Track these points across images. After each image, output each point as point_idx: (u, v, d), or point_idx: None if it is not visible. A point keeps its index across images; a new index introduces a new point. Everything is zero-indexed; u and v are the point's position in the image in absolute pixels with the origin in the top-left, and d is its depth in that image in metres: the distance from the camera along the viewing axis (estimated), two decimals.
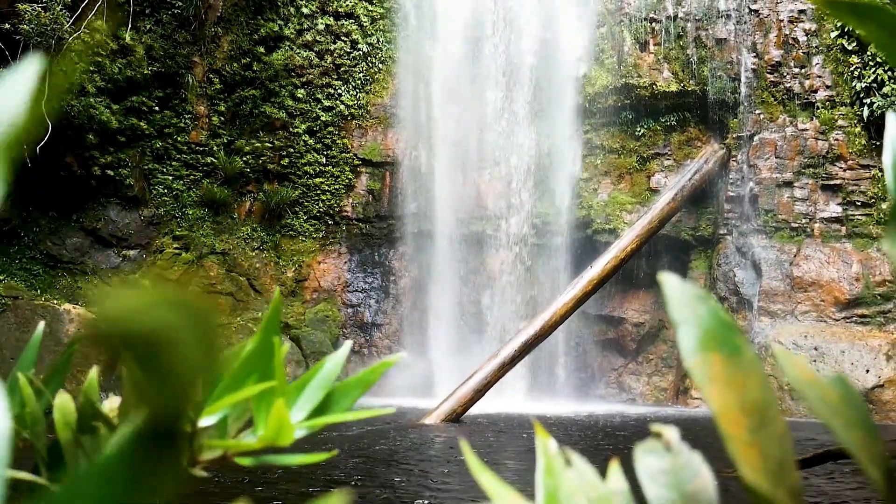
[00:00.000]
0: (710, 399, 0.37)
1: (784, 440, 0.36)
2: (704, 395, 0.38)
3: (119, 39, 13.77)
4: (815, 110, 13.50)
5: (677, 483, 0.39)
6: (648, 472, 0.39)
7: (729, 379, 0.37)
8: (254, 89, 15.14)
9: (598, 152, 14.72)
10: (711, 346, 0.39)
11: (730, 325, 0.39)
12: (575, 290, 12.07)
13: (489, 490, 0.41)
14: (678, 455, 0.40)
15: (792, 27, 13.68)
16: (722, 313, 0.39)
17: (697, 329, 0.38)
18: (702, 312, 0.39)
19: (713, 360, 0.38)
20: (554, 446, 0.44)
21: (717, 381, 0.37)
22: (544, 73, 14.63)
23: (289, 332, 14.12)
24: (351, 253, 15.70)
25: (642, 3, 14.38)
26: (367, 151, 15.50)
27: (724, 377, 0.37)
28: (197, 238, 14.80)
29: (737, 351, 0.38)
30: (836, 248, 13.09)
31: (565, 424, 10.21)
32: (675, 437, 0.40)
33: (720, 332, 0.39)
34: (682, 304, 0.39)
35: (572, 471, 0.42)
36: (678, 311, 0.39)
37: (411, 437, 8.56)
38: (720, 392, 0.37)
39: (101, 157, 13.98)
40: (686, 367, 0.38)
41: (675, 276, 0.42)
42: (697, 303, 0.39)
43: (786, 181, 13.47)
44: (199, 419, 0.60)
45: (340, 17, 15.58)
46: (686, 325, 0.39)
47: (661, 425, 0.42)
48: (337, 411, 0.64)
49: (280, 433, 0.56)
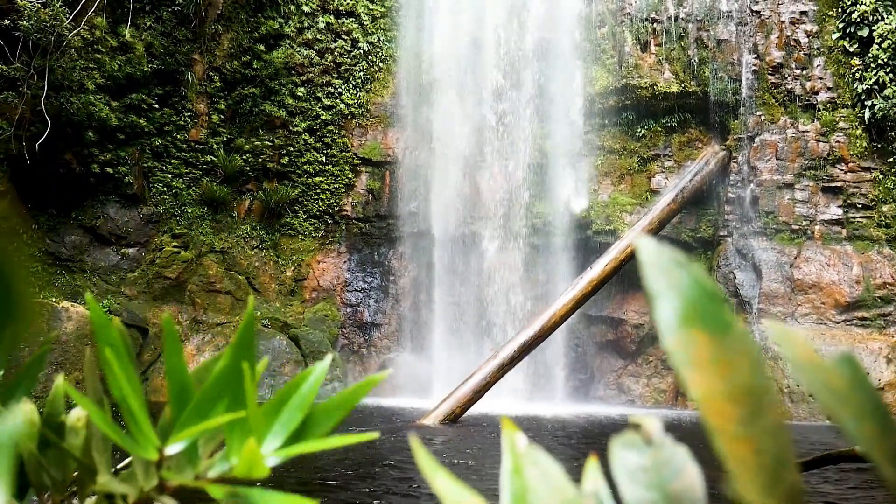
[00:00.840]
0: (693, 385, 0.32)
1: (781, 433, 0.31)
2: (685, 381, 0.32)
3: (119, 36, 13.72)
4: (816, 112, 13.44)
5: (659, 482, 0.33)
6: (626, 470, 0.34)
7: (715, 360, 0.32)
8: (254, 87, 15.09)
9: (599, 153, 14.67)
10: (694, 321, 0.33)
11: (716, 297, 0.34)
12: (574, 290, 12.02)
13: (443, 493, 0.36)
14: (660, 450, 0.35)
15: (793, 28, 13.62)
16: (707, 282, 0.34)
17: (678, 301, 0.33)
18: (683, 281, 0.34)
19: (696, 337, 0.33)
20: (523, 443, 0.39)
21: (701, 363, 0.32)
22: (545, 73, 14.57)
23: (288, 332, 14.06)
24: (350, 252, 15.65)
25: (643, 3, 14.33)
26: (367, 150, 15.46)
27: (709, 358, 0.32)
28: (196, 236, 14.75)
29: (724, 327, 0.33)
30: (836, 250, 13.03)
31: (564, 425, 10.16)
32: (656, 430, 0.36)
33: (705, 304, 0.34)
34: (659, 271, 0.34)
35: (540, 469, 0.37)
36: (655, 279, 0.34)
37: (408, 438, 8.51)
38: (704, 376, 0.31)
39: (101, 155, 13.92)
40: (664, 347, 0.33)
41: (649, 238, 0.37)
42: (678, 270, 0.34)
43: (786, 183, 13.42)
44: (166, 445, 0.55)
45: (341, 15, 15.53)
46: (664, 297, 0.34)
47: (642, 416, 0.37)
48: (316, 435, 0.59)
49: (252, 468, 0.51)
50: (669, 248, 0.36)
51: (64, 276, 13.89)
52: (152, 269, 14.32)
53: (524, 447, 0.39)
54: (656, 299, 0.34)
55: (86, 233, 14.30)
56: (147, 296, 14.17)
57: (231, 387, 0.55)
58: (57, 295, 12.84)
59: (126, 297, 13.97)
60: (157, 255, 14.40)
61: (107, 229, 14.35)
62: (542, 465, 0.37)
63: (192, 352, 13.37)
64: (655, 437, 0.35)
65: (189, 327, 13.97)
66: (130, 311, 13.39)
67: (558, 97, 14.51)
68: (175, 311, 14.12)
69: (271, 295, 15.04)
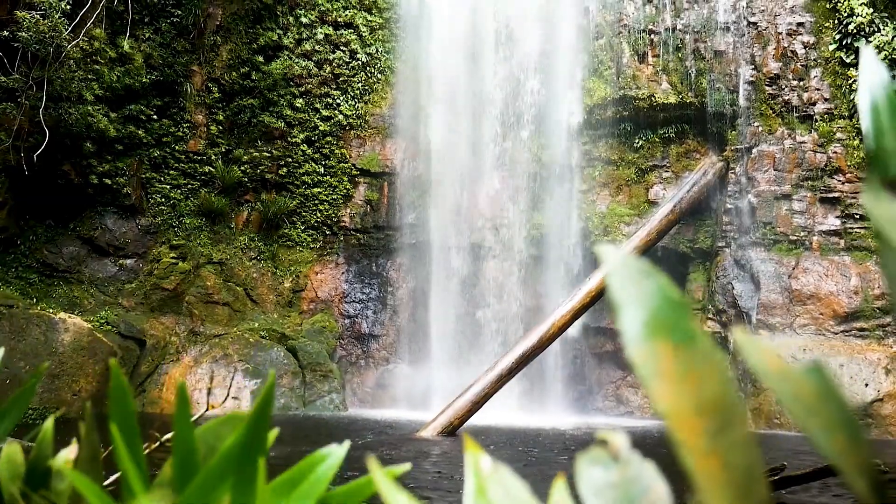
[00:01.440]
0: (659, 398, 0.31)
1: (750, 447, 0.30)
2: (651, 394, 0.31)
3: (118, 48, 13.76)
4: (813, 123, 13.47)
5: (626, 499, 0.32)
6: (592, 487, 0.33)
7: (681, 372, 0.31)
8: (252, 98, 15.12)
9: (597, 164, 14.68)
10: (660, 331, 0.32)
11: (682, 307, 0.33)
12: (573, 301, 12.00)
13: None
14: (627, 466, 0.33)
15: (790, 40, 13.67)
16: (672, 292, 0.33)
17: (642, 311, 0.32)
18: (648, 291, 0.33)
19: (662, 349, 0.32)
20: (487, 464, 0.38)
21: (667, 375, 0.31)
22: (543, 84, 14.61)
23: (285, 343, 14.03)
24: (348, 263, 15.63)
25: (641, 14, 14.38)
26: (365, 161, 15.47)
27: (676, 370, 0.31)
28: (194, 247, 14.74)
29: (690, 338, 0.32)
30: (834, 261, 13.03)
31: (562, 437, 10.12)
32: (623, 445, 0.34)
33: (670, 314, 0.32)
34: (624, 280, 0.33)
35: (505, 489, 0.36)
36: (619, 288, 0.32)
37: (406, 450, 8.47)
38: (671, 389, 0.30)
39: (99, 166, 13.93)
40: (629, 358, 0.32)
41: (615, 247, 0.36)
42: (643, 279, 0.33)
43: (784, 194, 13.43)
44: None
45: (340, 26, 15.58)
46: (629, 307, 0.32)
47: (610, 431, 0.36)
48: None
49: None
50: (634, 257, 0.35)
51: (61, 288, 13.87)
52: (150, 280, 14.30)
53: (489, 468, 0.37)
54: (621, 309, 0.33)
55: (84, 244, 14.29)
56: (144, 307, 14.14)
57: (241, 465, 0.51)
58: (54, 306, 12.82)
59: (123, 309, 13.94)
60: (155, 267, 14.38)
61: (105, 240, 14.34)
62: (507, 485, 0.36)
63: (190, 363, 13.33)
64: (623, 453, 0.34)
65: (186, 339, 13.93)
66: (128, 323, 13.36)
67: (556, 108, 14.53)
68: (172, 323, 14.09)
69: (269, 306, 15.01)
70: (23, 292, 13.10)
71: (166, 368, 13.32)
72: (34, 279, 13.74)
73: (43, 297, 13.31)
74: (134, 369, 13.06)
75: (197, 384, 12.80)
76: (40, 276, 13.85)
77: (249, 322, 14.52)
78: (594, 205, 14.55)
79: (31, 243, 13.91)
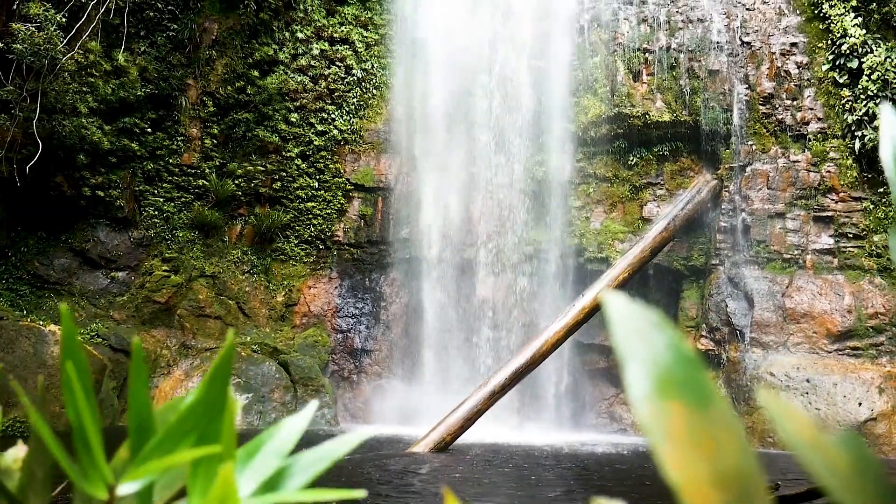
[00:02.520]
0: (670, 465, 0.28)
1: None
2: (661, 459, 0.28)
3: (113, 60, 13.74)
4: (807, 142, 13.53)
5: None
6: None
7: (695, 438, 0.28)
8: (247, 112, 15.12)
9: (591, 181, 14.71)
10: (670, 390, 0.29)
11: (695, 364, 0.31)
12: (566, 318, 11.97)
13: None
14: None
15: (784, 60, 13.76)
16: (684, 347, 0.30)
17: (651, 367, 0.30)
18: (657, 344, 0.30)
19: (673, 410, 0.29)
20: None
21: (679, 439, 0.28)
22: (537, 101, 14.65)
23: (277, 357, 13.95)
24: (342, 278, 15.58)
25: (636, 33, 14.46)
26: (359, 176, 15.46)
27: (689, 435, 0.28)
28: (186, 261, 14.67)
29: (705, 399, 0.29)
30: (828, 279, 13.05)
31: (556, 455, 10.06)
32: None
33: (682, 372, 0.30)
34: (630, 331, 0.30)
35: None
36: (625, 341, 0.30)
37: (397, 466, 8.39)
38: (683, 456, 0.28)
39: (92, 178, 13.88)
40: (636, 419, 0.28)
41: (621, 295, 0.32)
42: (651, 331, 0.30)
43: (778, 212, 13.47)
44: (118, 484, 0.49)
45: (335, 42, 15.62)
46: (636, 362, 0.30)
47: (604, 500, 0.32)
48: (294, 486, 0.52)
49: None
50: (640, 306, 0.32)
51: (52, 300, 13.78)
52: (142, 293, 14.22)
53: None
54: (627, 364, 0.31)
55: (75, 256, 14.21)
56: (136, 320, 14.05)
57: (202, 423, 0.49)
58: (45, 318, 12.71)
59: (115, 322, 13.85)
60: (147, 279, 14.31)
61: (96, 253, 14.27)
62: None
63: (181, 377, 13.23)
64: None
65: (178, 352, 13.84)
66: (119, 336, 13.26)
67: (551, 125, 14.57)
68: (164, 336, 14.00)
69: (261, 320, 14.94)
70: (13, 304, 13.00)
71: (157, 382, 13.21)
72: (25, 291, 13.65)
73: (33, 310, 13.21)
74: (124, 382, 12.95)
75: None
76: (31, 288, 13.75)
77: (241, 336, 14.44)
78: (588, 221, 14.56)
79: (23, 255, 13.83)
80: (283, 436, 0.54)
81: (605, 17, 14.70)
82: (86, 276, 14.22)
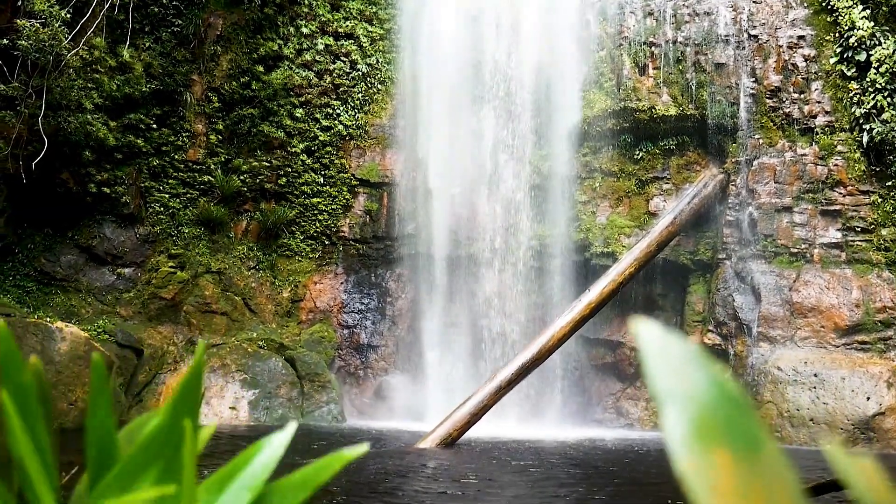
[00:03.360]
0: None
1: None
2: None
3: (118, 57, 13.74)
4: (814, 136, 13.45)
5: None
6: None
7: (743, 490, 0.25)
8: (252, 108, 15.10)
9: (597, 175, 14.65)
10: (714, 436, 0.26)
11: (742, 405, 0.27)
12: (573, 313, 11.94)
13: None
14: None
15: (791, 53, 13.67)
16: (728, 384, 0.27)
17: (692, 409, 0.26)
18: (698, 382, 0.27)
19: (717, 459, 0.26)
20: None
21: (724, 492, 0.25)
22: (543, 96, 14.59)
23: (283, 353, 13.95)
24: (347, 274, 15.57)
25: (641, 27, 14.39)
26: (365, 172, 15.43)
27: (736, 487, 0.25)
28: (192, 256, 14.68)
29: (753, 446, 0.26)
30: (835, 273, 12.98)
31: (563, 451, 10.04)
32: None
33: (727, 415, 0.26)
34: (666, 367, 0.27)
35: None
36: (661, 378, 0.27)
37: (404, 462, 8.39)
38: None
39: (98, 174, 13.89)
40: (675, 468, 0.25)
41: (654, 323, 0.29)
42: (690, 368, 0.27)
43: (785, 206, 13.39)
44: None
45: (340, 37, 15.58)
46: (674, 403, 0.27)
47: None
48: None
49: None
50: (678, 339, 0.29)
51: (59, 296, 13.81)
52: (148, 289, 14.23)
53: None
54: (664, 405, 0.28)
55: (81, 252, 14.23)
56: (142, 316, 14.07)
57: (167, 451, 0.45)
58: (52, 315, 12.73)
59: (121, 318, 13.87)
60: (153, 276, 14.32)
61: (103, 249, 14.28)
62: None
63: None
64: None
65: (184, 348, 13.86)
66: (125, 332, 13.28)
67: (557, 119, 14.51)
68: (170, 332, 14.02)
69: (267, 316, 14.95)
70: (20, 301, 13.03)
71: (164, 378, 13.23)
72: (32, 288, 13.68)
73: (40, 306, 13.24)
74: (131, 379, 12.97)
75: None
76: (38, 285, 13.78)
77: (248, 332, 14.45)
78: (594, 216, 14.51)
79: (29, 252, 13.85)
80: (260, 460, 0.49)
81: (610, 11, 14.62)
82: (92, 272, 14.25)
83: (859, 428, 11.44)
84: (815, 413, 11.69)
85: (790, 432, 11.68)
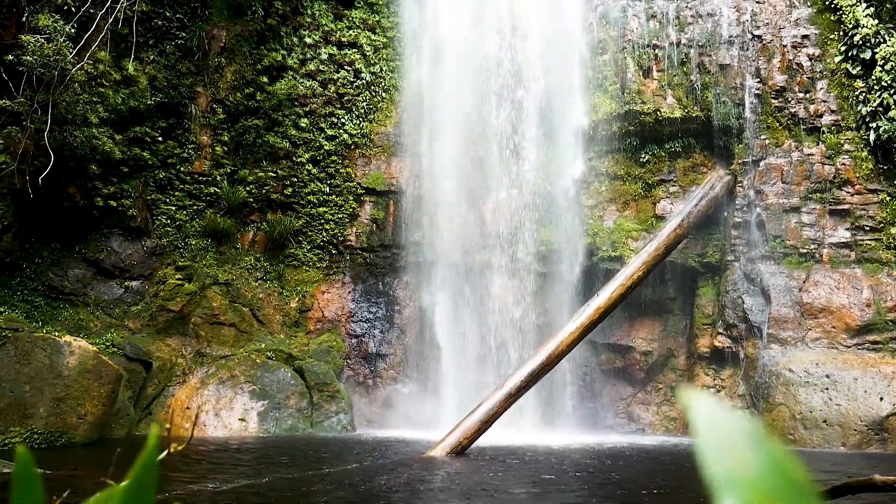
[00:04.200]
0: None
1: None
2: None
3: (122, 70, 13.78)
4: (820, 135, 13.39)
5: None
6: None
7: None
8: (257, 119, 15.13)
9: (603, 179, 14.61)
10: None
11: (805, 488, 0.24)
12: (581, 318, 11.88)
13: None
14: None
15: (795, 52, 13.62)
16: (790, 464, 0.25)
17: (750, 495, 0.23)
18: (756, 463, 0.23)
19: None
20: None
21: None
22: (548, 100, 14.57)
23: (292, 363, 13.93)
24: (355, 282, 15.55)
25: (645, 29, 14.37)
26: (370, 180, 15.43)
27: None
28: (200, 268, 14.69)
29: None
30: (845, 273, 12.89)
31: (575, 457, 9.97)
32: None
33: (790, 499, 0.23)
34: (721, 448, 0.24)
35: None
36: (715, 459, 0.24)
37: (414, 470, 8.33)
38: None
39: (104, 188, 13.92)
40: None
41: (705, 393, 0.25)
42: (747, 446, 0.24)
43: (793, 206, 13.32)
44: None
45: (344, 46, 15.61)
46: (730, 490, 0.23)
47: None
48: None
49: None
50: (732, 413, 0.25)
51: (67, 310, 13.82)
52: (156, 301, 14.24)
53: None
54: (719, 492, 0.24)
55: (89, 266, 14.25)
56: (151, 329, 14.07)
57: None
58: (60, 329, 12.74)
59: (129, 331, 13.87)
60: (161, 288, 14.33)
61: (110, 262, 14.30)
62: None
63: (196, 385, 13.23)
64: None
65: (193, 360, 13.85)
66: (134, 345, 13.28)
67: (562, 124, 14.49)
68: (179, 345, 14.01)
69: (276, 326, 14.93)
70: (28, 315, 13.04)
71: (173, 391, 13.22)
72: (40, 302, 13.69)
73: (48, 321, 13.25)
74: (140, 392, 12.96)
75: (203, 406, 12.69)
76: (46, 300, 13.80)
77: (256, 343, 14.43)
78: (601, 220, 14.46)
79: (37, 266, 13.88)
80: None
81: (613, 14, 14.61)
82: (100, 286, 14.26)
83: (873, 429, 11.33)
84: (827, 414, 11.59)
85: (803, 434, 11.58)
